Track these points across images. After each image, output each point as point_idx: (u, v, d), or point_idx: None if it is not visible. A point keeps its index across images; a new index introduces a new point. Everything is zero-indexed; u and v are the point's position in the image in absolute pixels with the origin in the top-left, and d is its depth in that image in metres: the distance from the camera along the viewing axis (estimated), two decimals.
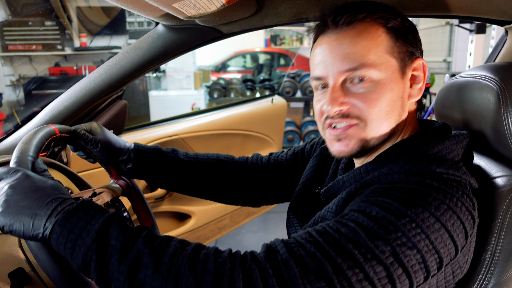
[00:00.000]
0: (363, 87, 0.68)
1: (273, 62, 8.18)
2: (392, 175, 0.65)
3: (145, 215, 1.03)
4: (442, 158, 0.66)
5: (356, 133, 0.70)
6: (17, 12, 4.08)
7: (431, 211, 0.57)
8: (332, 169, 0.88)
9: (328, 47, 0.70)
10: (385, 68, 0.68)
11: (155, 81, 5.71)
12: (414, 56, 0.72)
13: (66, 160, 1.39)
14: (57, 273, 0.62)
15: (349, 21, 0.69)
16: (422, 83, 0.73)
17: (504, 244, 0.68)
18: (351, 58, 0.68)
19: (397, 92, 0.70)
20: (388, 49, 0.69)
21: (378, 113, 0.69)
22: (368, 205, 0.59)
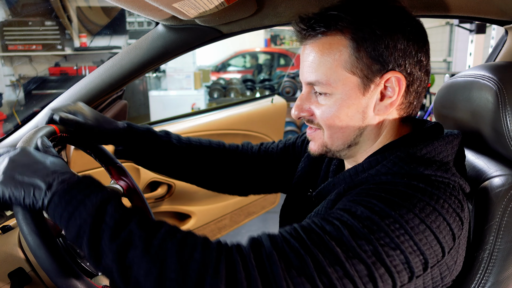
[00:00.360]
0: (322, 100, 0.71)
1: (273, 62, 8.18)
2: (380, 176, 0.66)
3: None
4: (430, 160, 0.66)
5: (318, 137, 0.75)
6: (17, 12, 4.08)
7: (415, 212, 0.58)
8: (323, 171, 0.89)
9: (301, 55, 0.73)
10: (342, 85, 0.68)
11: (155, 81, 5.71)
12: (384, 70, 0.67)
13: (66, 160, 1.39)
14: (55, 271, 0.62)
15: (312, 35, 0.70)
16: (395, 97, 0.68)
17: (502, 243, 0.69)
18: (310, 73, 0.70)
19: (356, 107, 0.69)
20: (347, 65, 0.67)
21: (332, 126, 0.71)
22: (353, 204, 0.60)
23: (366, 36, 0.66)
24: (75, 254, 0.73)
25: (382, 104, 0.69)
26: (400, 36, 0.66)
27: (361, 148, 0.74)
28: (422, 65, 0.69)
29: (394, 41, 0.66)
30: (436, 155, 0.67)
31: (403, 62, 0.67)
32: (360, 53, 0.66)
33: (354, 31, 0.66)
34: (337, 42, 0.67)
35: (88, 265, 0.75)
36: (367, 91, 0.68)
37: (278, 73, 6.32)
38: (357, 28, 0.66)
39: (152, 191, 1.77)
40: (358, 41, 0.66)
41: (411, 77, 0.69)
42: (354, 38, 0.66)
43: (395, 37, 0.66)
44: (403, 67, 0.67)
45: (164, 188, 1.79)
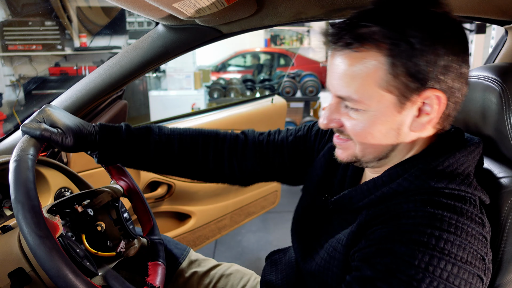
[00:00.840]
0: (354, 114, 0.66)
1: (273, 62, 8.18)
2: (401, 204, 0.64)
3: (145, 215, 1.03)
4: (453, 173, 0.65)
5: (349, 147, 0.72)
6: (17, 12, 4.08)
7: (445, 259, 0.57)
8: (340, 173, 0.86)
9: (330, 63, 0.68)
10: (377, 102, 0.63)
11: (155, 81, 5.71)
12: (423, 88, 0.62)
13: (66, 160, 1.39)
14: (55, 271, 0.62)
15: (345, 44, 0.63)
16: (433, 115, 0.64)
17: (507, 245, 0.68)
18: (341, 86, 0.65)
19: (390, 124, 0.65)
20: (383, 83, 0.62)
21: (365, 142, 0.68)
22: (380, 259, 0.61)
23: (404, 52, 0.60)
24: (75, 254, 0.73)
25: (419, 121, 0.65)
26: (442, 50, 0.60)
27: (390, 161, 0.72)
28: (463, 77, 0.64)
29: (435, 56, 0.60)
30: (458, 166, 0.66)
31: (444, 78, 0.62)
32: (397, 70, 0.61)
33: (391, 46, 0.60)
34: (371, 57, 0.61)
35: (88, 264, 0.75)
36: (403, 109, 0.64)
37: (278, 73, 6.32)
38: (393, 42, 0.60)
39: (152, 191, 1.77)
40: (395, 57, 0.60)
41: (451, 91, 0.64)
42: (391, 54, 0.60)
43: (436, 51, 0.60)
44: (444, 83, 0.62)
45: (164, 188, 1.79)
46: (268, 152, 0.98)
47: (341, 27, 0.64)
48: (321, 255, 0.78)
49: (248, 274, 1.17)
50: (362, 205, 0.72)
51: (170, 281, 1.13)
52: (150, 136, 0.93)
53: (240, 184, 1.04)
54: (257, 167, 0.98)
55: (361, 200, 0.72)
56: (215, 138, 0.98)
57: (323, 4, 0.94)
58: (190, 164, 0.96)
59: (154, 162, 0.94)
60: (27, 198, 0.65)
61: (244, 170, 0.99)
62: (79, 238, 0.85)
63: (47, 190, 1.08)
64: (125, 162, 0.93)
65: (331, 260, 0.74)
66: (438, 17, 0.61)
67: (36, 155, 0.73)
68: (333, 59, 0.66)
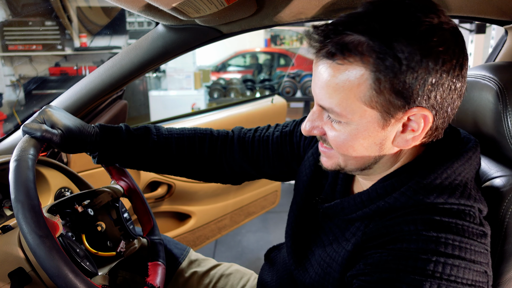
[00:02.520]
0: (336, 125, 0.64)
1: (273, 62, 8.18)
2: (400, 225, 0.62)
3: (145, 216, 1.03)
4: (451, 185, 0.63)
5: (332, 156, 0.70)
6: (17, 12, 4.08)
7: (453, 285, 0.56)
8: (331, 175, 0.84)
9: (314, 69, 0.64)
10: (359, 117, 0.61)
11: (155, 81, 5.71)
12: (409, 106, 0.58)
13: (66, 160, 1.39)
14: (55, 270, 0.62)
15: (328, 55, 0.59)
16: (418, 133, 0.61)
17: (504, 245, 0.68)
18: (323, 96, 0.62)
19: (373, 139, 0.63)
20: (366, 99, 0.59)
21: (346, 154, 0.66)
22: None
23: (390, 68, 0.56)
24: (75, 253, 0.73)
25: (403, 137, 0.63)
26: (433, 65, 0.56)
27: (375, 172, 0.70)
28: (456, 92, 0.60)
29: (425, 72, 0.56)
30: (456, 177, 0.63)
31: (432, 95, 0.58)
32: (381, 86, 0.57)
33: (376, 60, 0.56)
34: (355, 70, 0.58)
35: (88, 264, 0.75)
36: (386, 125, 0.61)
37: (278, 73, 6.32)
38: (379, 57, 0.56)
39: (152, 191, 1.77)
40: (380, 72, 0.56)
41: (440, 106, 0.60)
42: (376, 69, 0.56)
43: (426, 68, 0.56)
44: (432, 100, 0.58)
45: (164, 188, 1.79)
46: (253, 147, 0.97)
47: (325, 33, 0.59)
48: (315, 269, 0.77)
49: (248, 274, 1.17)
50: (356, 218, 0.71)
51: (170, 281, 1.13)
52: (149, 136, 0.93)
53: (232, 182, 1.03)
54: (243, 163, 0.98)
55: (353, 212, 0.70)
56: (210, 137, 0.98)
57: (323, 4, 0.94)
58: (187, 163, 0.97)
59: (152, 162, 0.94)
60: (27, 198, 0.65)
61: (233, 167, 0.99)
62: (79, 238, 0.85)
63: (47, 190, 1.08)
64: (124, 162, 0.93)
65: (326, 277, 0.73)
66: (431, 30, 0.56)
67: (37, 155, 0.73)
68: (317, 66, 0.62)
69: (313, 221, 0.84)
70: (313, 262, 0.78)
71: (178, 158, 0.95)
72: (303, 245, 0.84)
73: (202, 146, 0.97)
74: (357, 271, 0.65)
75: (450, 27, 0.58)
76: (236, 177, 1.02)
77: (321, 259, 0.76)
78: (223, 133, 1.00)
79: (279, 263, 0.98)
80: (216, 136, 0.99)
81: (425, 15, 0.56)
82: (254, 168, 0.98)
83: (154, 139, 0.93)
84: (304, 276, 0.80)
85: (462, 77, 0.60)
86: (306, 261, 0.81)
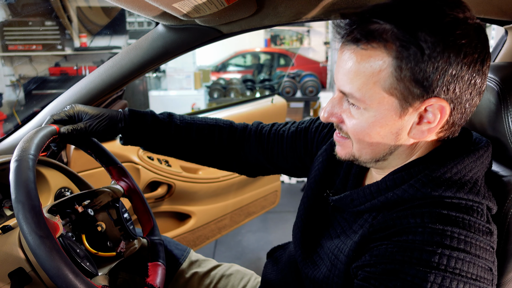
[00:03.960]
0: (355, 112, 0.65)
1: (273, 62, 8.18)
2: (407, 218, 0.62)
3: (146, 216, 1.03)
4: (461, 181, 0.63)
5: (347, 146, 0.71)
6: (17, 12, 4.08)
7: (451, 277, 0.56)
8: (344, 170, 0.84)
9: (338, 56, 0.66)
10: (378, 104, 0.62)
11: (155, 81, 5.71)
12: (428, 96, 0.60)
13: (66, 160, 1.39)
14: (55, 271, 0.62)
15: (353, 40, 0.61)
16: (434, 124, 0.62)
17: (507, 245, 0.68)
18: (345, 82, 0.63)
19: (390, 128, 0.64)
20: (386, 85, 0.60)
21: (362, 141, 0.67)
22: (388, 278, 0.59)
23: (412, 56, 0.57)
24: (75, 254, 0.73)
25: (419, 128, 0.63)
26: (454, 57, 0.57)
27: (390, 164, 0.70)
28: (475, 87, 0.61)
29: (445, 63, 0.57)
30: (466, 173, 0.64)
31: (452, 87, 0.59)
32: (402, 73, 0.58)
33: (399, 48, 0.57)
34: (378, 57, 0.59)
35: (88, 265, 0.75)
36: (404, 114, 0.62)
37: (278, 73, 6.32)
38: (402, 45, 0.57)
39: (152, 191, 1.77)
40: (402, 60, 0.58)
41: (459, 100, 0.61)
42: (398, 56, 0.58)
43: (447, 59, 0.57)
44: (451, 92, 0.59)
45: (164, 188, 1.79)
46: (268, 140, 1.02)
47: (352, 20, 0.62)
48: (324, 261, 0.77)
49: (249, 275, 1.17)
50: (364, 210, 0.71)
51: (170, 281, 1.13)
52: (172, 121, 0.99)
53: (247, 173, 1.09)
54: (259, 155, 1.03)
55: (362, 203, 0.71)
56: (230, 127, 1.04)
57: (323, 4, 0.94)
58: (206, 150, 1.03)
59: (173, 146, 1.00)
60: (28, 198, 0.65)
61: (249, 159, 1.04)
62: (79, 238, 0.85)
63: (47, 190, 1.08)
64: (147, 145, 0.99)
65: (333, 269, 0.73)
66: (455, 22, 0.57)
67: (37, 155, 0.73)
68: (342, 53, 0.64)
69: (323, 215, 0.85)
70: (322, 255, 0.79)
71: (197, 144, 1.01)
72: (312, 238, 0.85)
73: (222, 134, 1.02)
74: (362, 263, 0.65)
75: (474, 23, 0.60)
76: (252, 169, 1.07)
77: (329, 251, 0.76)
78: (242, 125, 1.07)
79: (284, 262, 0.98)
80: (235, 127, 1.05)
81: (450, 9, 0.58)
82: (268, 161, 1.03)
83: (176, 124, 0.99)
84: (311, 269, 0.80)
85: (483, 74, 0.61)
86: (314, 253, 0.82)
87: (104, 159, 0.99)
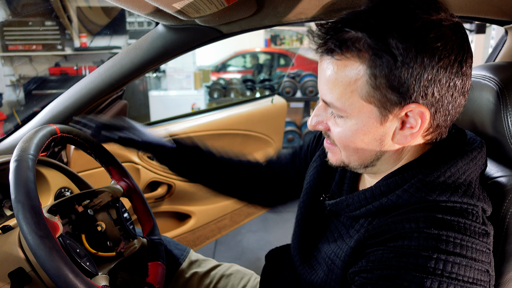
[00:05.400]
0: (339, 120, 0.66)
1: (273, 62, 8.18)
2: (402, 223, 0.62)
3: (145, 215, 1.03)
4: (455, 184, 0.63)
5: (336, 152, 0.71)
6: (17, 12, 4.08)
7: (448, 276, 0.56)
8: (339, 174, 0.85)
9: (318, 66, 0.66)
10: (358, 112, 0.62)
11: (155, 81, 5.70)
12: (405, 102, 0.59)
13: (66, 160, 1.39)
14: (55, 271, 0.62)
15: (327, 51, 0.61)
16: (416, 129, 0.62)
17: (505, 245, 0.68)
18: (326, 91, 0.64)
19: (373, 135, 0.64)
20: (363, 94, 0.60)
21: (348, 149, 0.67)
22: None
23: (385, 63, 0.57)
24: (75, 254, 0.73)
25: (402, 134, 0.63)
26: (428, 62, 0.56)
27: (379, 170, 0.71)
28: (456, 89, 0.60)
29: (420, 68, 0.56)
30: (460, 176, 0.63)
31: (430, 92, 0.58)
32: (377, 81, 0.58)
33: (372, 56, 0.57)
34: (353, 66, 0.59)
35: (88, 265, 0.75)
36: (385, 121, 0.62)
37: (278, 73, 6.31)
38: (375, 53, 0.57)
39: (152, 191, 1.77)
40: (376, 68, 0.58)
41: (440, 103, 0.60)
42: (372, 65, 0.58)
43: (421, 64, 0.56)
44: (430, 96, 0.59)
45: (164, 188, 1.79)
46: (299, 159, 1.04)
47: (325, 31, 0.61)
48: (321, 266, 0.78)
49: (248, 274, 1.17)
50: (360, 215, 0.71)
51: (170, 281, 1.13)
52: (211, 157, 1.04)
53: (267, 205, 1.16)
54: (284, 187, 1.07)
55: (358, 208, 0.71)
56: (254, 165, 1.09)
57: (323, 4, 0.94)
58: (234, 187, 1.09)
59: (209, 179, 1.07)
60: (28, 198, 0.65)
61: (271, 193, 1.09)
62: (79, 238, 0.85)
63: (47, 190, 1.08)
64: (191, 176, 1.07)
65: (330, 274, 0.74)
66: (428, 26, 0.56)
67: (37, 155, 0.73)
68: (321, 62, 0.65)
69: (320, 219, 0.85)
70: (319, 259, 0.79)
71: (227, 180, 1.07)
72: (309, 242, 0.85)
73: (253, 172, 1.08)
74: (359, 268, 0.65)
75: (450, 24, 0.58)
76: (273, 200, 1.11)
77: (326, 256, 0.76)
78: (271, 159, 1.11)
79: (282, 264, 0.98)
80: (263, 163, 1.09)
81: (424, 12, 0.57)
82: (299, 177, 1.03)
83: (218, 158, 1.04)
84: (309, 274, 0.81)
85: (463, 74, 0.60)
86: (312, 258, 0.82)
87: (104, 159, 0.99)
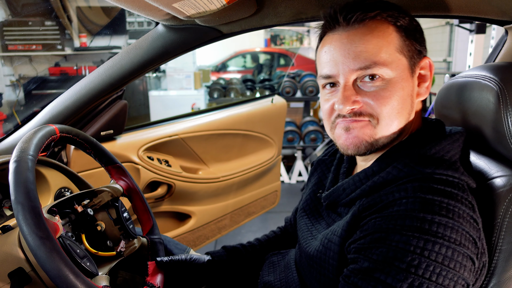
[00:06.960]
0: (375, 86, 0.69)
1: (273, 62, 8.18)
2: (393, 193, 0.66)
3: (145, 215, 1.03)
4: (440, 159, 0.68)
5: (367, 131, 0.71)
6: (17, 12, 4.08)
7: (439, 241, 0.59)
8: (332, 173, 0.89)
9: (339, 45, 0.71)
10: (396, 66, 0.69)
11: (155, 81, 5.71)
12: (422, 54, 0.73)
13: (66, 160, 1.39)
14: (55, 271, 0.62)
15: (360, 19, 0.69)
16: (429, 81, 0.74)
17: (504, 244, 0.68)
18: (363, 57, 0.68)
19: (407, 90, 0.71)
20: (399, 47, 0.70)
21: (390, 111, 0.70)
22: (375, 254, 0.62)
23: (408, 23, 0.71)
24: (75, 254, 0.73)
25: (420, 90, 0.74)
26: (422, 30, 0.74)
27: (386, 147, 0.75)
28: None
29: (422, 32, 0.74)
30: (444, 154, 0.69)
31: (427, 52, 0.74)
32: (407, 36, 0.71)
33: (397, 17, 0.70)
34: (385, 25, 0.70)
35: (88, 265, 0.75)
36: (414, 73, 0.72)
37: (278, 73, 6.31)
38: (398, 16, 0.71)
39: (152, 191, 1.77)
40: (403, 26, 0.71)
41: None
42: (399, 23, 0.70)
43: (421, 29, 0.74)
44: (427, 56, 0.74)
45: (164, 188, 1.79)
46: None
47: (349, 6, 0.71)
48: (316, 247, 0.79)
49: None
50: (355, 196, 0.73)
51: None
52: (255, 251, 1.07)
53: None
54: None
55: (353, 191, 0.74)
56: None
57: (323, 4, 0.94)
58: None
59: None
60: (27, 199, 0.65)
61: None
62: (79, 238, 0.85)
63: (47, 190, 1.08)
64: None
65: (327, 252, 0.75)
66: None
67: (36, 155, 0.73)
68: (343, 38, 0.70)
69: (316, 213, 0.89)
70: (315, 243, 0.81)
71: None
72: (306, 233, 0.88)
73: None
74: (354, 238, 0.68)
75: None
76: None
77: (323, 237, 0.78)
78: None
79: (282, 266, 0.98)
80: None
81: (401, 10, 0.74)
82: None
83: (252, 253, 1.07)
84: (307, 253, 0.83)
85: None
86: (309, 245, 0.84)
87: (103, 159, 0.99)
